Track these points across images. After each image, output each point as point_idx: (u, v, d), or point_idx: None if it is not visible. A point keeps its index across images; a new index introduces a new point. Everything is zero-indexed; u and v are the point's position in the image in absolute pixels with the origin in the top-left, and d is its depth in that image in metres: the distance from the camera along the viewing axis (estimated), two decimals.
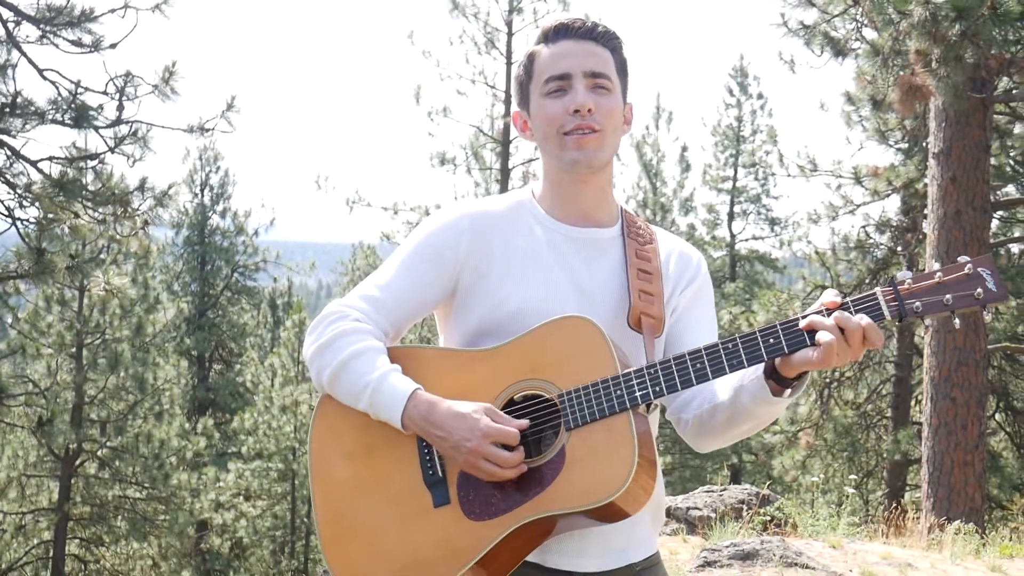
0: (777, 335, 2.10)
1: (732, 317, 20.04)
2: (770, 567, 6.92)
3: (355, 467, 2.28)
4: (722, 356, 2.12)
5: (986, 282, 2.06)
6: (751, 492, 8.82)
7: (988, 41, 10.85)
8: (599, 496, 2.07)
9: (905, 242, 18.45)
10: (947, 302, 2.06)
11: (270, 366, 26.81)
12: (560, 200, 2.34)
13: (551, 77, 2.25)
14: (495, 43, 20.63)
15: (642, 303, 2.27)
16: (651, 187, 28.41)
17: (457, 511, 2.18)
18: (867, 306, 2.09)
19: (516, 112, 2.39)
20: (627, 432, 2.11)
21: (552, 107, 2.25)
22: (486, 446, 2.11)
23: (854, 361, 2.08)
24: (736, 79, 31.67)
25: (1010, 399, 16.99)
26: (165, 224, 11.53)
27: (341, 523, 2.27)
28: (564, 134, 2.24)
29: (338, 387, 2.25)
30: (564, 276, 2.29)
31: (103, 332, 20.54)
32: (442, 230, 2.32)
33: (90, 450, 20.45)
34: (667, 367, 2.14)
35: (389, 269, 2.35)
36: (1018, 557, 8.07)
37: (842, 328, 2.05)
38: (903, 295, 2.08)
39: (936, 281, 2.08)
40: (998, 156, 15.81)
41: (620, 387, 2.12)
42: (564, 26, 2.27)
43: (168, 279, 29.37)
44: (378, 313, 2.31)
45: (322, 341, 2.27)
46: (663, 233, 2.45)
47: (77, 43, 10.44)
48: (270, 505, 25.85)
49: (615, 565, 2.27)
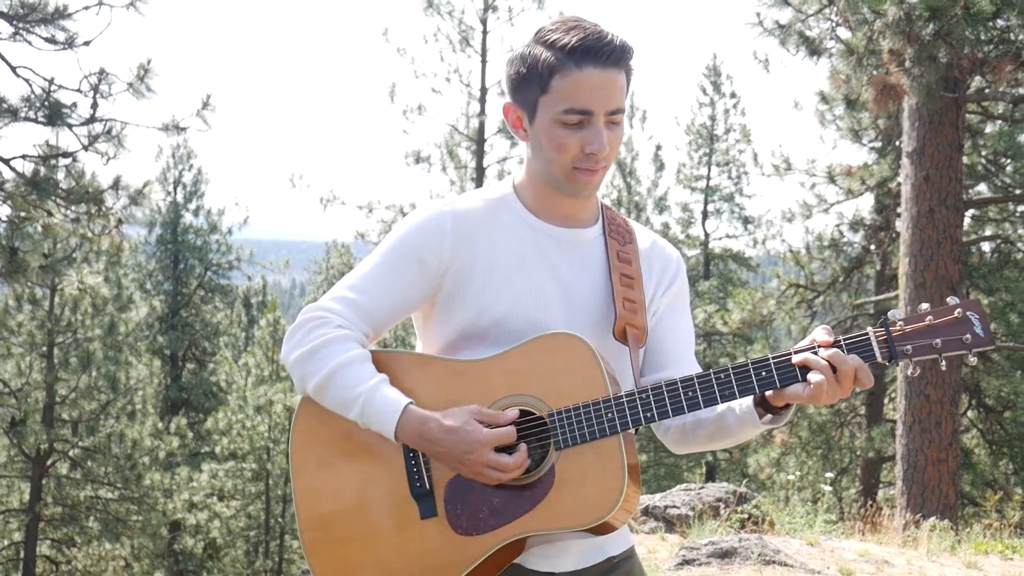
0: (770, 369, 2.13)
1: (707, 316, 20.11)
2: (748, 565, 6.94)
3: (339, 473, 2.26)
4: (714, 387, 2.14)
5: (974, 327, 2.10)
6: (729, 490, 8.84)
7: (961, 41, 10.94)
8: (589, 519, 2.10)
9: (878, 241, 18.59)
10: (936, 346, 2.11)
11: (244, 365, 26.70)
12: (544, 201, 2.30)
13: (573, 110, 2.17)
14: (470, 41, 20.63)
15: (627, 312, 2.26)
16: (625, 186, 28.46)
17: (444, 524, 2.18)
18: (859, 346, 2.13)
19: (510, 106, 2.28)
20: (617, 456, 2.12)
21: (568, 139, 2.18)
22: (487, 455, 2.11)
23: (843, 399, 2.10)
24: (710, 78, 31.78)
25: (982, 396, 17.14)
26: (138, 223, 11.41)
27: (325, 529, 2.26)
28: (573, 168, 2.21)
29: (326, 396, 2.22)
30: (549, 280, 2.26)
31: (75, 331, 20.40)
32: (424, 231, 2.26)
33: (62, 450, 20.31)
34: (659, 394, 2.15)
35: (368, 270, 2.29)
36: (993, 553, 8.13)
37: (834, 367, 2.09)
38: (895, 337, 2.12)
39: (927, 324, 2.11)
40: (970, 155, 15.94)
41: (612, 411, 2.13)
42: (593, 49, 2.15)
43: (140, 278, 29.17)
44: (358, 317, 2.26)
45: (305, 349, 2.23)
46: (640, 229, 2.43)
47: (51, 40, 10.33)
48: (244, 505, 25.72)
49: (596, 560, 2.29)
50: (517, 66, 2.25)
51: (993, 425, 17.43)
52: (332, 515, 2.25)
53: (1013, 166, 17.02)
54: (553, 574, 2.25)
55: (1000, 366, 16.81)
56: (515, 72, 2.25)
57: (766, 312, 18.36)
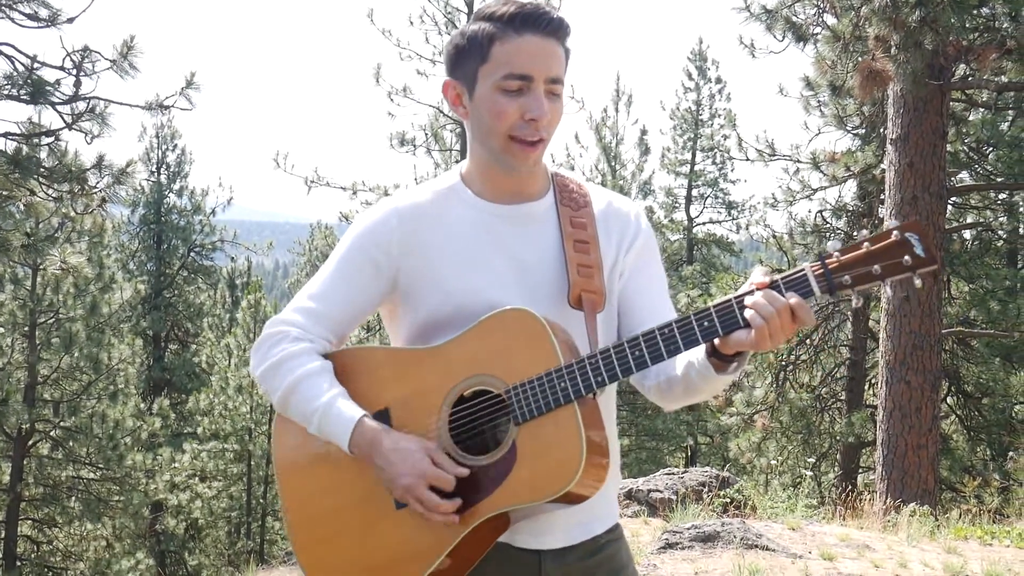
0: (711, 318, 2.09)
1: (690, 300, 20.18)
2: (731, 549, 6.99)
3: (318, 473, 2.31)
4: (659, 342, 2.11)
5: (914, 247, 2.04)
6: (711, 475, 8.88)
7: (947, 28, 10.97)
8: (551, 491, 2.10)
9: (861, 227, 18.59)
10: (876, 272, 2.04)
11: (226, 346, 26.63)
12: (490, 182, 2.30)
13: (512, 75, 2.17)
14: (455, 23, 20.54)
15: (581, 279, 2.26)
16: (610, 169, 28.45)
17: (417, 511, 2.20)
18: (796, 282, 2.06)
19: (449, 82, 2.28)
20: (574, 424, 2.11)
21: (507, 106, 2.18)
22: (421, 489, 2.14)
23: (787, 340, 2.06)
24: (695, 63, 31.81)
25: (961, 383, 17.25)
26: (122, 202, 11.32)
27: (313, 527, 2.31)
28: (510, 137, 2.20)
29: (289, 410, 2.29)
30: (503, 259, 2.27)
31: (57, 311, 20.28)
32: (371, 231, 2.29)
33: (43, 430, 20.21)
34: (607, 356, 2.14)
35: (325, 277, 2.33)
36: (972, 539, 8.20)
37: (772, 307, 2.04)
38: (831, 269, 2.05)
39: (864, 252, 2.05)
40: (953, 143, 16.00)
41: (563, 379, 2.12)
42: (532, 16, 2.18)
43: (124, 258, 29.05)
44: (318, 325, 2.31)
45: (268, 365, 2.30)
46: (596, 190, 2.42)
47: (33, 17, 10.24)
48: (226, 486, 25.71)
49: (581, 538, 2.31)
50: (456, 41, 2.25)
51: (972, 412, 17.55)
52: (315, 515, 2.31)
53: (995, 154, 17.10)
54: (541, 551, 2.28)
55: (979, 353, 16.92)
56: (453, 47, 2.26)
57: None
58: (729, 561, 6.71)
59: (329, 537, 2.28)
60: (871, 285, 2.05)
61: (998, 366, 16.68)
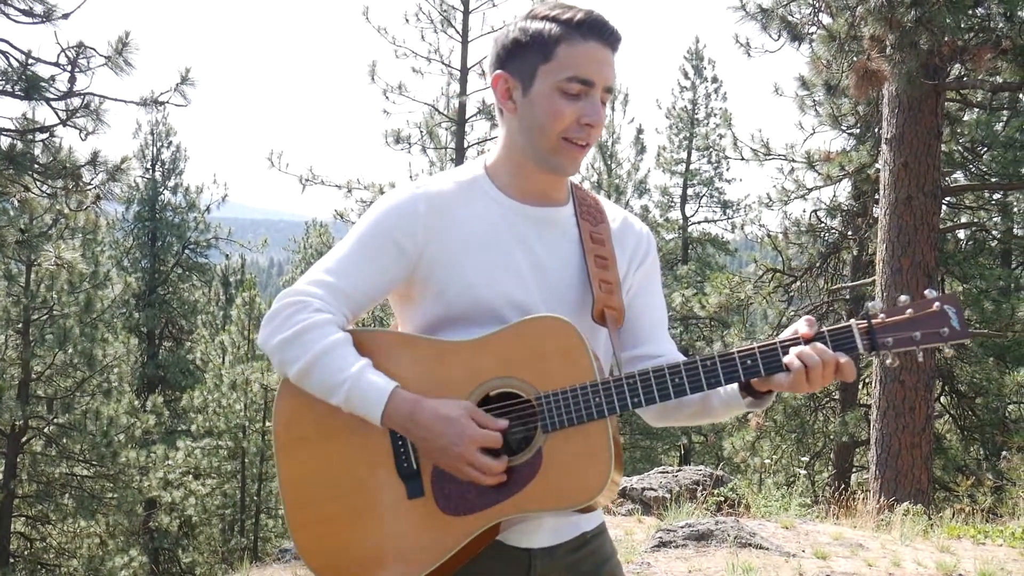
0: (755, 358, 2.19)
1: (684, 299, 20.15)
2: (724, 547, 6.99)
3: (324, 452, 2.25)
4: (701, 374, 2.19)
5: (951, 320, 2.16)
6: (705, 473, 8.89)
7: (942, 28, 10.99)
8: (577, 501, 2.13)
9: (855, 227, 18.67)
10: (916, 339, 2.17)
11: (220, 343, 26.56)
12: (519, 179, 2.31)
13: (576, 78, 2.20)
14: (451, 21, 20.52)
15: (604, 294, 2.29)
16: (606, 168, 28.45)
17: (431, 504, 2.19)
18: (842, 338, 2.18)
19: (502, 75, 2.28)
20: (604, 439, 2.15)
21: (566, 108, 2.21)
22: (472, 453, 2.13)
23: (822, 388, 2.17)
24: (691, 62, 31.81)
25: (955, 383, 17.28)
26: (116, 199, 11.28)
27: (311, 508, 2.26)
28: (564, 138, 2.23)
29: (310, 382, 2.22)
30: (523, 257, 2.28)
31: (50, 308, 20.26)
32: (397, 214, 2.26)
33: (37, 427, 20.20)
34: (646, 380, 2.18)
35: (344, 253, 2.28)
36: (965, 538, 8.21)
37: (818, 360, 2.14)
38: (876, 329, 2.17)
39: (907, 317, 2.17)
40: (948, 143, 16.02)
41: (599, 395, 2.16)
42: (598, 24, 2.22)
43: (118, 255, 28.99)
44: (336, 300, 2.26)
45: (287, 334, 2.22)
46: (610, 207, 2.46)
47: (28, 12, 10.20)
48: (220, 483, 25.64)
49: (570, 536, 2.34)
50: (515, 35, 2.26)
51: (965, 411, 17.59)
52: (318, 494, 2.25)
53: (990, 154, 17.13)
54: (531, 549, 2.29)
55: (973, 353, 16.94)
56: (512, 41, 2.27)
57: (743, 296, 18.43)
58: (723, 560, 6.71)
59: (329, 518, 2.24)
60: (909, 349, 2.19)
61: (992, 366, 16.72)
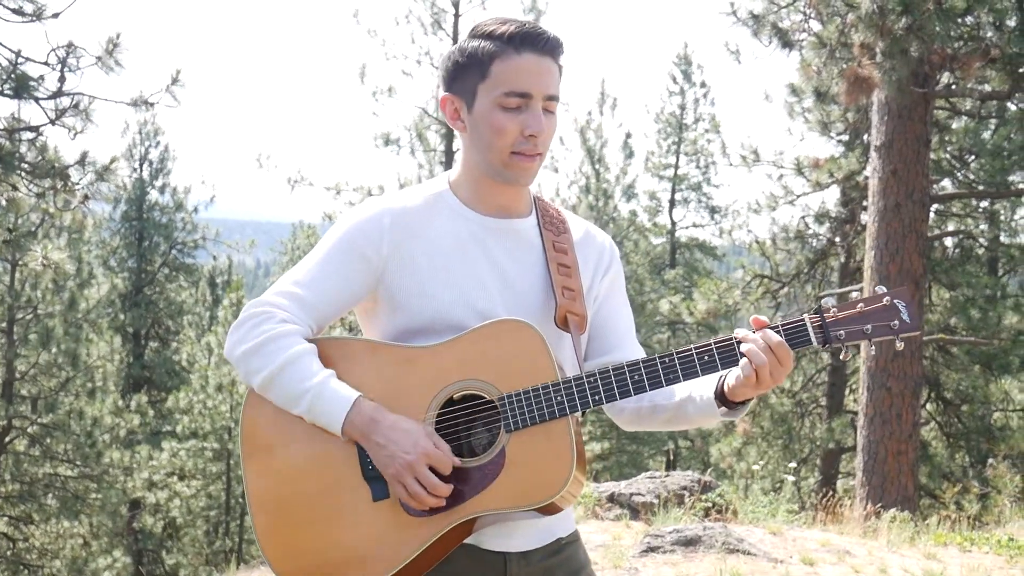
0: (712, 353, 2.25)
1: (672, 305, 20.17)
2: (712, 553, 6.99)
3: (290, 458, 2.28)
4: (659, 370, 2.26)
5: (901, 313, 2.26)
6: (693, 478, 8.88)
7: (932, 36, 11.01)
8: (539, 498, 2.18)
9: (843, 233, 18.72)
10: (867, 331, 2.26)
11: (207, 344, 26.48)
12: (479, 194, 2.36)
13: (513, 92, 2.24)
14: (441, 24, 20.53)
15: (566, 300, 2.34)
16: (594, 173, 28.46)
17: (396, 506, 2.22)
18: (795, 331, 2.25)
19: (448, 97, 2.34)
20: (566, 437, 2.20)
21: (507, 123, 2.25)
22: (422, 465, 2.17)
23: (779, 383, 2.23)
24: (680, 67, 31.88)
25: (941, 390, 17.33)
26: (104, 199, 11.23)
27: (278, 513, 2.28)
28: (513, 152, 2.27)
29: (273, 391, 2.25)
30: (488, 270, 2.33)
31: (35, 307, 20.16)
32: (363, 227, 2.31)
33: (20, 427, 20.08)
34: (607, 377, 2.24)
35: (311, 265, 2.33)
36: (951, 545, 8.23)
37: (769, 346, 2.21)
38: (828, 322, 2.25)
39: (858, 311, 2.26)
40: (936, 151, 16.07)
41: (561, 393, 2.21)
42: (530, 36, 2.26)
43: (104, 254, 28.88)
44: (303, 311, 2.30)
45: (251, 344, 2.26)
46: (572, 218, 2.51)
47: (18, 11, 10.13)
48: (204, 485, 25.57)
49: (545, 541, 2.38)
50: (455, 57, 2.33)
51: (951, 418, 17.63)
52: (284, 499, 2.28)
53: (977, 162, 17.19)
54: (507, 553, 2.32)
55: (959, 360, 17.00)
56: (452, 63, 2.33)
57: (731, 302, 18.46)
58: (711, 565, 6.72)
59: (296, 523, 2.26)
60: (860, 342, 2.28)
61: (978, 373, 16.77)
